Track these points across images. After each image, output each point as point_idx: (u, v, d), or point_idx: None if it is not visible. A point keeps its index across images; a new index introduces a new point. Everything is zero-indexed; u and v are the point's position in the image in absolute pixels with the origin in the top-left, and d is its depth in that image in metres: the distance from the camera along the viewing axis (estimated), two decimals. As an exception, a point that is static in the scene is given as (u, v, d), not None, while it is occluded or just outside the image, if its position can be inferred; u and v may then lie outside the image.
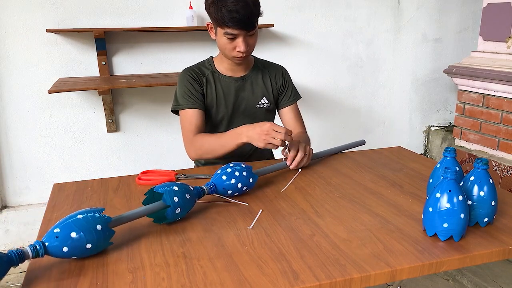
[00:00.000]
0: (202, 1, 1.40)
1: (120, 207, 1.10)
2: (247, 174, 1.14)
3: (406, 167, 1.40)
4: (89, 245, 0.83)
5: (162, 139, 2.54)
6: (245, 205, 1.10)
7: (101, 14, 2.27)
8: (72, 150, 2.41)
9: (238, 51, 1.37)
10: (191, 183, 1.10)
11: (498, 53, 2.43)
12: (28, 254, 0.79)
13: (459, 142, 2.76)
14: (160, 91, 2.43)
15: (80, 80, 2.22)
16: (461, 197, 0.88)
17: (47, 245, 0.80)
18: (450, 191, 0.88)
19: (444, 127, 3.16)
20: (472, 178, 0.97)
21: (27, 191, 2.40)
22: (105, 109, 2.37)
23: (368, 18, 2.79)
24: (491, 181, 0.96)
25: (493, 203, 0.96)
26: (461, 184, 0.97)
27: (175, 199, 0.97)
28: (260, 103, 1.55)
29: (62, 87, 2.02)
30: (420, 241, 0.91)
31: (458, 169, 1.04)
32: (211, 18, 1.37)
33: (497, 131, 2.45)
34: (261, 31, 2.56)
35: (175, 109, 1.49)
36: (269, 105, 1.56)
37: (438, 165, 1.07)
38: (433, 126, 3.15)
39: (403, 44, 2.92)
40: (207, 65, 1.53)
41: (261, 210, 1.07)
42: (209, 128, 1.54)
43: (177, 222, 1.01)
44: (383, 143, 2.63)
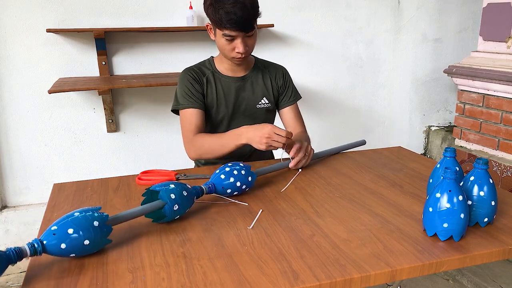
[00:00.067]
0: (202, 1, 1.40)
1: (120, 207, 1.10)
2: (245, 172, 1.14)
3: (406, 167, 1.40)
4: (87, 242, 0.83)
5: (162, 139, 2.54)
6: (245, 205, 1.10)
7: (101, 14, 2.27)
8: (72, 150, 2.41)
9: (237, 52, 1.37)
10: (191, 183, 1.10)
11: (498, 53, 2.43)
12: (26, 252, 0.79)
13: (459, 142, 2.76)
14: (160, 91, 2.43)
15: (80, 80, 2.22)
16: (461, 197, 0.88)
17: (45, 243, 0.80)
18: (450, 191, 0.88)
19: (444, 127, 3.16)
20: (472, 178, 0.97)
21: (27, 191, 2.40)
22: (105, 109, 2.37)
23: (368, 18, 2.79)
24: (491, 181, 0.96)
25: (493, 203, 0.96)
26: (461, 184, 0.97)
27: (172, 196, 0.97)
28: (260, 103, 1.55)
29: (62, 87, 2.02)
30: (420, 241, 0.91)
31: (458, 169, 1.04)
32: (210, 19, 1.37)
33: (497, 131, 2.45)
34: (261, 31, 2.56)
35: (175, 108, 1.49)
36: (269, 105, 1.56)
37: (438, 165, 1.07)
38: (433, 126, 3.15)
39: (403, 44, 2.92)
40: (207, 65, 1.53)
41: (261, 210, 1.07)
42: (209, 128, 1.54)
43: (177, 222, 1.01)
44: (383, 143, 2.63)
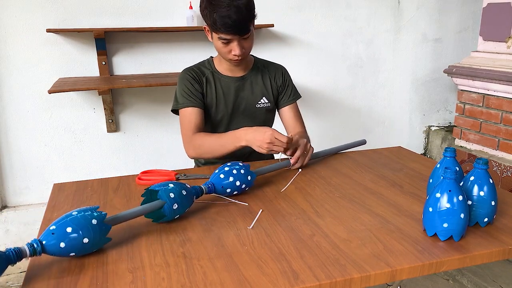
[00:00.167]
0: (202, 1, 1.40)
1: (120, 207, 1.10)
2: (245, 172, 1.14)
3: (406, 167, 1.40)
4: (86, 240, 0.83)
5: (162, 139, 2.54)
6: (245, 205, 1.10)
7: (101, 14, 2.27)
8: (72, 150, 2.41)
9: (233, 55, 1.37)
10: (191, 183, 1.10)
11: (498, 53, 2.43)
12: (25, 252, 0.79)
13: (459, 142, 2.76)
14: (160, 91, 2.43)
15: (80, 80, 2.22)
16: (461, 197, 0.88)
17: (44, 243, 0.80)
18: (450, 191, 0.88)
19: (444, 127, 3.16)
20: (472, 178, 0.97)
21: (27, 191, 2.40)
22: (105, 109, 2.37)
23: (368, 18, 2.79)
24: (491, 181, 0.96)
25: (493, 203, 0.96)
26: (461, 184, 0.97)
27: (171, 195, 0.97)
28: (259, 102, 1.55)
29: (62, 87, 2.02)
30: (420, 241, 0.91)
31: (458, 169, 1.04)
32: (205, 22, 1.37)
33: (497, 131, 2.45)
34: (261, 31, 2.56)
35: (175, 108, 1.49)
36: (269, 104, 1.56)
37: (438, 165, 1.07)
38: (433, 126, 3.15)
39: (403, 44, 2.92)
40: (207, 65, 1.53)
41: (261, 210, 1.07)
42: (209, 128, 1.54)
43: (177, 222, 1.01)
44: (383, 143, 2.62)
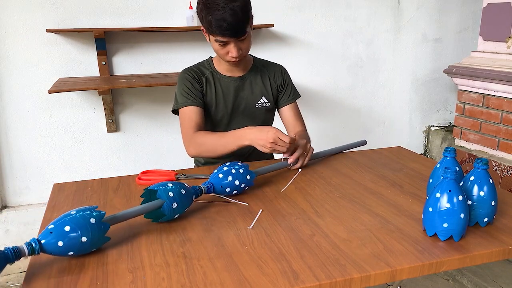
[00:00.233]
0: (202, 1, 1.40)
1: (120, 207, 1.10)
2: (244, 171, 1.14)
3: (406, 167, 1.40)
4: (84, 239, 0.83)
5: (162, 139, 2.54)
6: (245, 205, 1.10)
7: (101, 14, 2.27)
8: (72, 150, 2.41)
9: (231, 56, 1.37)
10: (191, 183, 1.10)
11: (498, 53, 2.43)
12: (24, 251, 0.79)
13: (459, 142, 2.76)
14: (160, 91, 2.43)
15: (80, 80, 2.22)
16: (461, 197, 0.88)
17: (43, 242, 0.81)
18: (450, 191, 0.88)
19: (444, 127, 3.16)
20: (472, 178, 0.97)
21: (27, 191, 2.40)
22: (105, 109, 2.37)
23: (368, 18, 2.79)
24: (491, 181, 0.96)
25: (493, 203, 0.96)
26: (461, 184, 0.97)
27: (170, 194, 0.97)
28: (259, 102, 1.55)
29: (62, 87, 2.02)
30: (420, 241, 0.91)
31: (458, 169, 1.04)
32: (202, 24, 1.36)
33: (497, 131, 2.45)
34: (261, 31, 2.56)
35: (175, 108, 1.49)
36: (268, 104, 1.56)
37: (438, 165, 1.07)
38: (433, 126, 3.15)
39: (403, 44, 2.92)
40: (206, 65, 1.53)
41: (261, 210, 1.07)
42: (208, 127, 1.54)
43: (177, 222, 1.01)
44: (383, 143, 2.62)
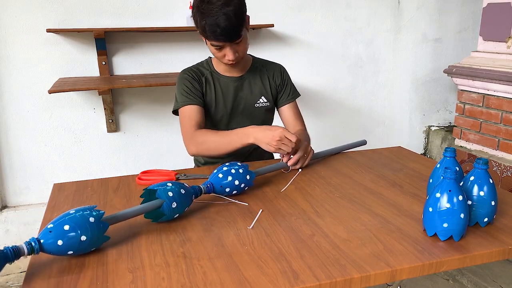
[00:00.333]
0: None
1: (120, 207, 1.10)
2: (243, 171, 1.14)
3: (406, 167, 1.40)
4: (84, 238, 0.83)
5: (162, 139, 2.54)
6: (245, 205, 1.10)
7: (101, 14, 2.27)
8: (72, 150, 2.41)
9: (227, 59, 1.37)
10: (191, 183, 1.10)
11: (498, 53, 2.43)
12: (23, 250, 0.79)
13: (459, 142, 2.76)
14: (160, 91, 2.43)
15: (80, 80, 2.22)
16: (461, 197, 0.88)
17: (42, 241, 0.81)
18: (450, 191, 0.88)
19: (444, 127, 3.16)
20: (472, 178, 0.97)
21: (27, 191, 2.40)
22: (105, 109, 2.37)
23: (368, 18, 2.79)
24: (491, 181, 0.96)
25: (493, 203, 0.96)
26: (461, 184, 0.97)
27: (170, 193, 0.97)
28: (258, 102, 1.55)
29: (62, 87, 2.02)
30: (420, 241, 0.91)
31: (458, 169, 1.04)
32: (197, 28, 1.35)
33: (497, 131, 2.45)
34: (261, 31, 2.56)
35: (176, 108, 1.49)
36: (268, 104, 1.56)
37: (438, 165, 1.07)
38: (433, 126, 3.15)
39: (403, 44, 2.92)
40: (205, 66, 1.53)
41: (261, 210, 1.07)
42: (208, 127, 1.54)
43: (177, 222, 1.01)
44: (383, 143, 2.62)
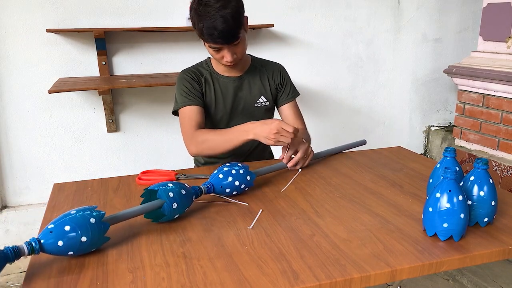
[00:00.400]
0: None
1: (120, 207, 1.10)
2: (244, 172, 1.14)
3: (406, 167, 1.40)
4: (84, 238, 0.83)
5: (162, 139, 2.54)
6: (245, 205, 1.10)
7: (101, 14, 2.27)
8: (72, 150, 2.41)
9: (226, 61, 1.37)
10: (191, 183, 1.10)
11: (498, 53, 2.43)
12: (23, 250, 0.79)
13: (459, 142, 2.76)
14: (160, 91, 2.43)
15: (80, 80, 2.22)
16: (461, 197, 0.88)
17: (42, 241, 0.81)
18: (450, 191, 0.88)
19: (444, 127, 3.16)
20: (472, 178, 0.97)
21: (27, 191, 2.40)
22: (105, 109, 2.37)
23: (368, 18, 2.79)
24: (491, 181, 0.96)
25: (493, 203, 0.96)
26: (461, 184, 0.97)
27: (170, 194, 0.97)
28: (258, 102, 1.55)
29: (62, 87, 2.02)
30: (420, 241, 0.91)
31: (458, 169, 1.04)
32: (194, 30, 1.35)
33: (497, 131, 2.45)
34: (261, 31, 2.56)
35: (175, 109, 1.49)
36: (267, 103, 1.56)
37: (438, 165, 1.07)
38: (433, 126, 3.15)
39: (403, 44, 2.92)
40: (204, 66, 1.53)
41: (261, 210, 1.07)
42: (208, 128, 1.54)
43: (177, 222, 1.01)
44: (383, 143, 2.62)
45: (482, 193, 0.95)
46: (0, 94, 2.23)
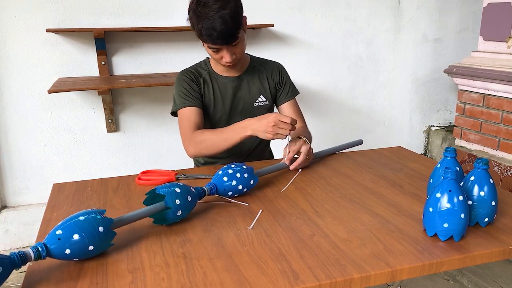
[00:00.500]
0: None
1: (120, 207, 1.10)
2: (248, 176, 1.13)
3: (406, 167, 1.40)
4: (91, 247, 0.82)
5: (162, 139, 2.53)
6: (245, 205, 1.10)
7: (101, 14, 2.27)
8: (72, 150, 2.40)
9: (225, 61, 1.37)
10: (191, 183, 1.10)
11: (498, 53, 2.43)
12: (30, 256, 0.78)
13: (459, 142, 2.76)
14: (160, 91, 2.43)
15: (79, 80, 2.22)
16: (461, 197, 0.88)
17: (49, 247, 0.79)
18: (450, 191, 0.88)
19: (444, 127, 3.16)
20: (472, 178, 0.97)
21: (26, 191, 2.40)
22: (105, 109, 2.36)
23: (368, 18, 2.79)
24: (492, 181, 0.96)
25: (493, 203, 0.96)
26: (461, 184, 0.97)
27: (177, 201, 0.96)
28: (257, 101, 1.54)
29: (61, 87, 2.02)
30: (420, 241, 0.91)
31: (458, 169, 1.03)
32: (193, 31, 1.35)
33: (498, 131, 2.45)
34: (261, 31, 2.56)
35: (174, 110, 1.49)
36: (267, 103, 1.56)
37: (438, 165, 1.07)
38: (433, 126, 3.15)
39: (403, 44, 2.92)
40: (203, 66, 1.53)
41: (261, 210, 1.07)
42: (208, 128, 1.54)
43: (177, 222, 1.01)
44: (383, 143, 2.62)
45: (482, 193, 0.95)
46: (0, 94, 2.24)
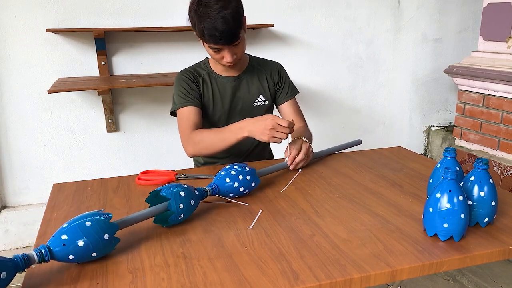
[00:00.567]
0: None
1: (120, 207, 1.10)
2: (250, 178, 1.13)
3: (406, 167, 1.40)
4: (95, 254, 0.82)
5: (162, 139, 2.53)
6: (245, 205, 1.10)
7: (101, 14, 2.27)
8: (71, 150, 2.40)
9: (225, 61, 1.37)
10: (191, 183, 1.10)
11: (498, 53, 2.43)
12: (34, 259, 0.77)
13: (459, 142, 2.76)
14: (159, 91, 2.43)
15: (79, 80, 2.22)
16: (461, 197, 0.88)
17: (53, 250, 0.79)
18: (450, 191, 0.88)
19: (444, 127, 3.16)
20: (472, 178, 0.97)
21: (26, 191, 2.40)
22: (104, 109, 2.36)
23: (368, 18, 2.79)
24: (492, 181, 0.96)
25: (493, 203, 0.96)
26: (461, 184, 0.97)
27: (180, 206, 0.96)
28: (256, 101, 1.54)
29: (61, 87, 2.02)
30: (420, 241, 0.91)
31: (458, 169, 1.03)
32: (194, 31, 1.35)
33: (498, 131, 2.45)
34: (261, 31, 2.56)
35: (173, 110, 1.49)
36: (266, 102, 1.56)
37: (438, 165, 1.07)
38: (433, 126, 3.15)
39: (403, 44, 2.92)
40: (202, 66, 1.53)
41: (261, 210, 1.07)
42: (207, 128, 1.54)
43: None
44: (383, 143, 2.62)
45: (482, 193, 0.95)
46: (0, 94, 2.24)
